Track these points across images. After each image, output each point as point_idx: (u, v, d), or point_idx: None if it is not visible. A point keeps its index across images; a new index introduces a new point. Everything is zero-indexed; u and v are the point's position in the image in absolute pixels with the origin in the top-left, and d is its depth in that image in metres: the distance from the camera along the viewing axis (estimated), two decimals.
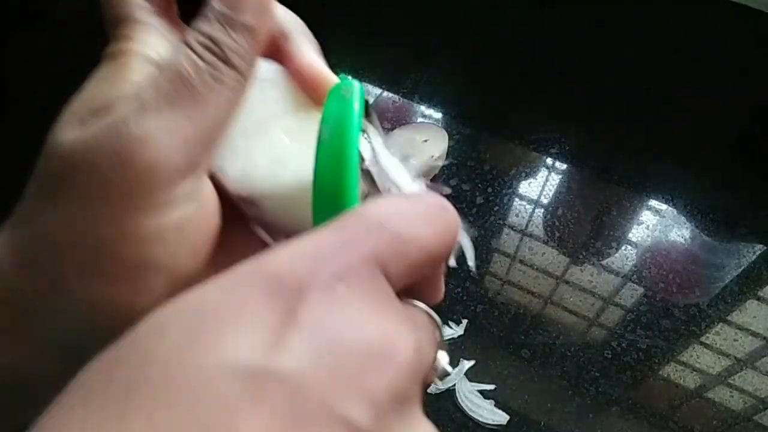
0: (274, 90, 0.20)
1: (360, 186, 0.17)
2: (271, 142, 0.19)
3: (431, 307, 0.17)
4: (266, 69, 0.20)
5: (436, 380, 0.18)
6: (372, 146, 0.19)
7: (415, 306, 0.16)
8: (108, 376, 0.12)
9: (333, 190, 0.17)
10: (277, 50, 0.20)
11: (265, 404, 0.11)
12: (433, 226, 0.15)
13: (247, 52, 0.17)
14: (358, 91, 0.18)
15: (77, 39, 0.68)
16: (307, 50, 0.20)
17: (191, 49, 0.17)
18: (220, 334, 0.12)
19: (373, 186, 0.19)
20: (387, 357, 0.13)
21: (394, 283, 0.15)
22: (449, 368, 0.17)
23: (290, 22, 0.20)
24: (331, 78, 0.20)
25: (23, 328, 0.17)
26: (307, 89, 0.21)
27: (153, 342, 0.12)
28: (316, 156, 0.17)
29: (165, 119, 0.16)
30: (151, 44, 0.18)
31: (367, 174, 0.18)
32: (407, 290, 0.16)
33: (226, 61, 0.17)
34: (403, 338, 0.13)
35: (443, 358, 0.17)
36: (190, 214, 0.17)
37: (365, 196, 0.18)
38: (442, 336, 0.17)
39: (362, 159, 0.18)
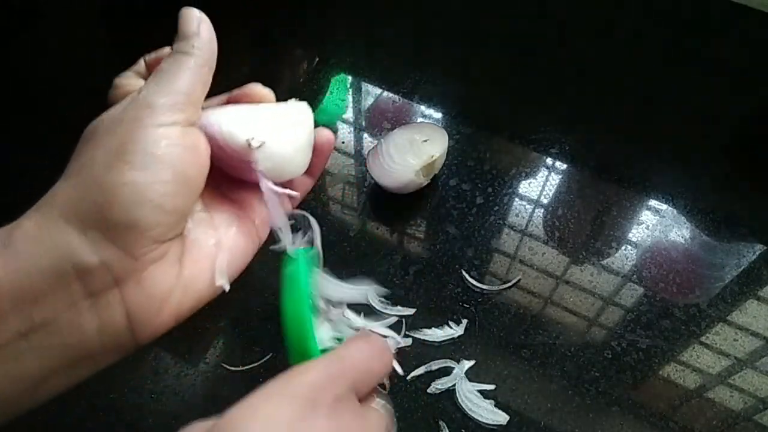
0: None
1: (317, 314, 0.29)
2: (257, 111, 0.30)
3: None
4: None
5: None
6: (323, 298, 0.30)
7: (374, 404, 0.27)
8: None
9: (298, 337, 0.27)
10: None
11: None
12: (380, 360, 0.27)
13: (198, 47, 0.27)
14: (304, 259, 0.29)
15: (76, 39, 0.68)
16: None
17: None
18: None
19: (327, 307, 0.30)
20: None
21: (361, 397, 0.26)
22: None
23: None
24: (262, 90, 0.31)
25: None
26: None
27: None
28: (282, 316, 0.27)
29: (151, 86, 0.26)
30: None
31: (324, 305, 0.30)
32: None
33: (186, 53, 0.27)
34: (374, 428, 0.26)
35: None
36: (185, 141, 0.26)
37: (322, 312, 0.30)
38: (392, 417, 0.27)
39: (319, 306, 0.29)
